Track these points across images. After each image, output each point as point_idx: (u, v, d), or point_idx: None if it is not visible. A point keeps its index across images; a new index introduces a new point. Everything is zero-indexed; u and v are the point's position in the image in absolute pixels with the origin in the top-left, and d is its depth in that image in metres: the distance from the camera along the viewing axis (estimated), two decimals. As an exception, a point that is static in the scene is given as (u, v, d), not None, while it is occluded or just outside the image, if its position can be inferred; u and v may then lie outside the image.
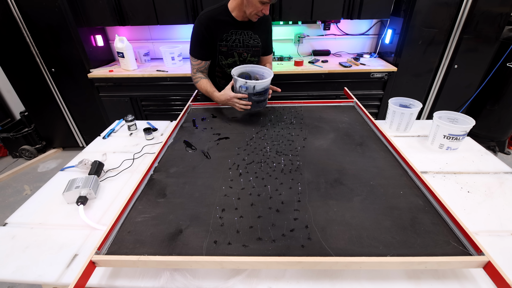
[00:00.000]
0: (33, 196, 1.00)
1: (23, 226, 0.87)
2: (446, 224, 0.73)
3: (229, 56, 1.40)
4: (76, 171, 1.14)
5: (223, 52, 1.38)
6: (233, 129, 1.28)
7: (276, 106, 1.50)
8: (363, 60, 2.56)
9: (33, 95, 2.55)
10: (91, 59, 2.48)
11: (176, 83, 2.39)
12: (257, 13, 1.24)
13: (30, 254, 0.78)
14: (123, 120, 1.56)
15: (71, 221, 0.89)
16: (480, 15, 2.10)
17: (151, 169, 1.00)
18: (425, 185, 0.84)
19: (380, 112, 2.56)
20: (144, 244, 0.70)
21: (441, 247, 0.66)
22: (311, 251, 0.67)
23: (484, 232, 0.80)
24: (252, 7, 1.22)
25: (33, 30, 2.24)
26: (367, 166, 0.97)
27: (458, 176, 1.06)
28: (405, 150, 1.20)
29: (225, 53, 1.39)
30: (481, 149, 1.24)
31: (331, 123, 1.30)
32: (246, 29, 1.36)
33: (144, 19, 2.33)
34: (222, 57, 1.40)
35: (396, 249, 0.66)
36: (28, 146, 2.80)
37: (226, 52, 1.39)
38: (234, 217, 0.77)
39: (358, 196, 0.84)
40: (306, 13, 2.30)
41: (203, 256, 0.65)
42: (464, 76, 2.38)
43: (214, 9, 1.31)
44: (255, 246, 0.69)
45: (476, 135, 2.59)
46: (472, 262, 0.62)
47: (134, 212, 0.81)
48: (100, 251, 0.68)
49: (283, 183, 0.90)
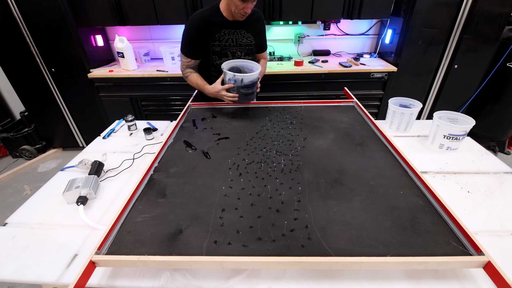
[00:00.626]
0: (33, 196, 1.00)
1: (23, 226, 0.87)
2: (446, 224, 0.73)
3: (223, 55, 1.41)
4: (76, 171, 1.14)
5: (216, 52, 1.39)
6: (233, 129, 1.28)
7: (276, 106, 1.50)
8: (363, 60, 2.57)
9: (33, 95, 2.55)
10: (91, 59, 2.48)
11: (176, 83, 2.40)
12: (240, 11, 1.25)
13: (30, 254, 0.78)
14: (123, 120, 1.56)
15: (71, 221, 0.89)
16: (480, 15, 2.10)
17: (151, 169, 1.00)
18: (425, 185, 0.84)
19: (380, 112, 2.56)
20: (144, 244, 0.70)
21: (441, 247, 0.66)
22: (311, 251, 0.67)
23: (484, 232, 0.80)
24: (234, 6, 1.24)
25: (33, 30, 2.24)
26: (367, 166, 0.97)
27: (458, 176, 1.06)
28: (405, 150, 1.20)
29: (219, 52, 1.40)
30: (481, 149, 1.24)
31: (331, 123, 1.30)
32: (238, 28, 1.38)
33: (144, 19, 2.33)
34: (216, 57, 1.41)
35: (396, 249, 0.66)
36: (28, 146, 2.80)
37: (219, 52, 1.40)
38: (234, 217, 0.77)
39: (358, 196, 0.84)
40: (306, 13, 2.30)
41: (203, 256, 0.65)
42: (464, 76, 2.38)
43: (205, 10, 1.33)
44: (255, 246, 0.69)
45: (476, 135, 2.59)
46: (472, 262, 0.62)
47: (134, 212, 0.81)
48: (100, 251, 0.68)
49: (283, 183, 0.90)
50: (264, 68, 1.53)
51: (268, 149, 1.09)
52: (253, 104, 1.53)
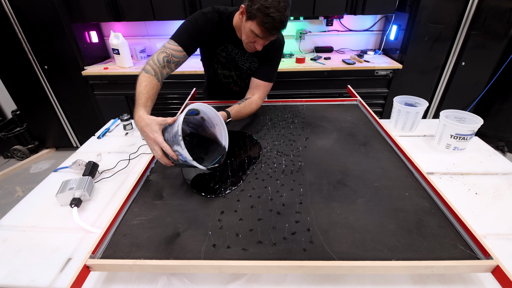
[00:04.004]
0: (25, 198, 1.00)
1: (15, 229, 0.87)
2: (453, 227, 0.73)
3: (226, 68, 1.36)
4: (70, 172, 1.14)
5: (220, 61, 1.32)
6: (232, 128, 1.28)
7: (277, 105, 1.50)
8: (367, 57, 2.57)
9: (25, 93, 2.56)
10: (85, 56, 2.48)
11: (173, 81, 2.40)
12: (249, 43, 1.11)
13: (22, 258, 0.78)
14: (118, 119, 1.56)
15: (64, 224, 0.89)
16: (488, 10, 2.10)
17: (147, 170, 1.00)
18: (431, 186, 0.84)
19: (385, 111, 2.56)
20: (140, 248, 0.70)
21: (448, 251, 0.66)
22: (314, 255, 0.66)
23: (492, 235, 0.80)
24: (244, 35, 1.09)
25: (25, 26, 2.24)
26: (371, 167, 0.97)
27: (465, 177, 1.06)
28: (411, 150, 1.20)
29: (222, 63, 1.33)
30: (490, 149, 1.24)
31: (334, 122, 1.30)
32: (243, 49, 1.21)
33: (140, 15, 2.33)
34: (219, 66, 1.36)
35: (402, 252, 0.66)
36: (20, 146, 2.80)
37: (223, 63, 1.34)
38: (234, 220, 0.77)
39: (362, 198, 0.84)
40: (308, 8, 2.30)
41: (202, 260, 0.65)
42: (472, 74, 2.38)
43: (224, 12, 1.17)
44: (255, 249, 0.68)
45: (484, 135, 2.59)
46: (480, 266, 0.62)
47: (130, 215, 0.81)
48: (94, 255, 0.67)
49: (284, 185, 0.90)
50: (246, 110, 1.21)
51: (269, 149, 1.09)
52: None
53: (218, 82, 1.46)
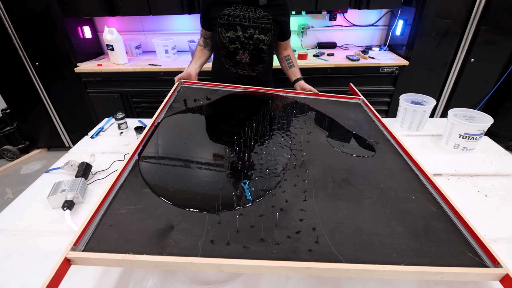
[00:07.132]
0: (16, 200, 1.00)
1: (4, 232, 0.87)
2: (461, 233, 0.72)
3: (230, 29, 1.38)
4: (62, 173, 1.14)
5: (222, 24, 1.38)
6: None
7: (279, 96, 1.49)
8: (372, 54, 2.56)
9: (15, 91, 2.55)
10: (78, 52, 2.48)
11: (170, 78, 2.39)
12: None
13: (13, 263, 0.77)
14: (112, 118, 1.55)
15: (56, 227, 0.88)
16: (499, 4, 2.10)
17: (135, 154, 0.94)
18: (438, 191, 0.84)
19: (391, 109, 2.56)
20: (129, 241, 0.66)
21: (457, 258, 0.66)
22: (320, 256, 0.65)
23: (503, 239, 0.80)
24: None
25: (15, 21, 2.24)
26: (377, 168, 0.97)
27: (475, 178, 1.06)
28: (418, 151, 1.20)
29: (226, 25, 1.38)
30: (500, 150, 1.24)
31: (337, 119, 1.30)
32: (253, 5, 1.37)
33: (136, 9, 2.33)
34: (223, 29, 1.39)
35: (410, 257, 0.66)
36: (10, 146, 2.80)
37: (227, 25, 1.38)
38: (234, 214, 0.76)
39: (368, 198, 0.83)
40: (311, 3, 2.29)
41: (199, 257, 0.62)
42: (481, 71, 2.38)
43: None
44: (257, 248, 0.67)
45: (494, 134, 2.59)
46: (488, 275, 0.62)
47: (117, 203, 0.76)
48: (76, 247, 0.63)
49: (287, 180, 0.89)
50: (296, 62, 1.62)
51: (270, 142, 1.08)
52: (252, 93, 1.47)
53: (227, 53, 1.48)
